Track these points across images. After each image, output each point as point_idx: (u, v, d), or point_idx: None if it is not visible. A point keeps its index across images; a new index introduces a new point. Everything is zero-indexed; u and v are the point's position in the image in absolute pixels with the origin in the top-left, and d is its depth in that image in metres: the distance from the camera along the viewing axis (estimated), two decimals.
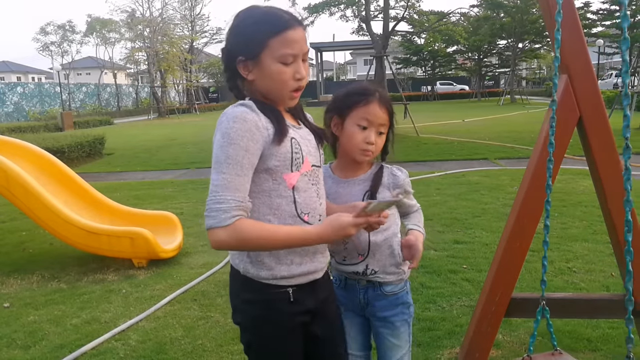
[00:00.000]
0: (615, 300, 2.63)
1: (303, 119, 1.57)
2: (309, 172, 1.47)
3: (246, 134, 1.33)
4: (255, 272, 1.44)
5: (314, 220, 1.46)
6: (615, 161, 2.35)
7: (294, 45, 1.39)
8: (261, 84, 1.42)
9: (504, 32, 34.96)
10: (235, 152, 1.32)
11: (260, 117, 1.37)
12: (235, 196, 1.33)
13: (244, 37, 1.39)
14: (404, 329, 1.82)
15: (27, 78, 65.35)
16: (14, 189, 4.42)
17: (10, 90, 31.18)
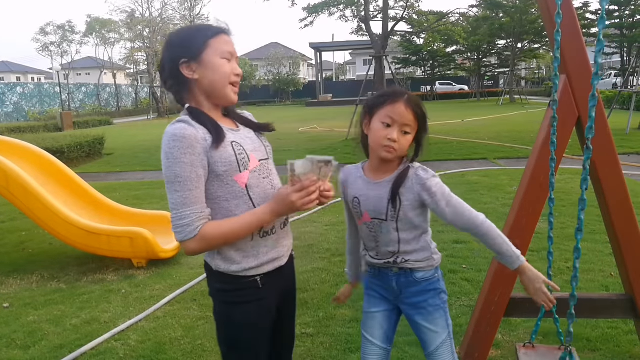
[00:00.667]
0: (615, 300, 2.64)
1: (240, 119, 1.69)
2: (257, 167, 1.58)
3: (188, 150, 1.44)
4: (226, 267, 1.57)
5: None
6: (614, 161, 2.35)
7: (230, 45, 1.57)
8: (206, 80, 1.54)
9: (503, 32, 34.94)
10: (182, 170, 1.45)
11: (198, 130, 1.48)
12: (194, 209, 1.47)
13: (184, 42, 1.55)
14: (439, 314, 1.84)
15: (26, 78, 65.26)
16: (13, 189, 4.42)
17: (9, 90, 31.14)
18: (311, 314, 3.43)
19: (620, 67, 37.78)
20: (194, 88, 1.56)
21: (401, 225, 1.75)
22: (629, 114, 13.66)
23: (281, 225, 1.64)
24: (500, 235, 1.69)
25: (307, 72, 69.61)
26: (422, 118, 1.72)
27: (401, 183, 1.71)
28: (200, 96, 1.57)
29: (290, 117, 25.81)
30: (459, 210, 1.68)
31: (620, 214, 2.39)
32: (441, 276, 1.88)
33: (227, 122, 1.63)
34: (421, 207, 1.74)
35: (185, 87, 1.56)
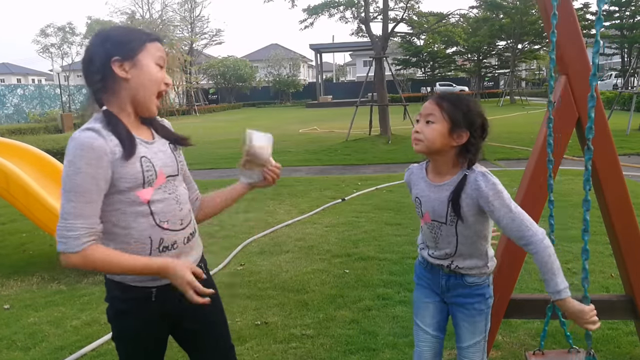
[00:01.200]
0: (615, 301, 2.63)
1: (158, 129, 1.63)
2: (163, 184, 1.54)
3: (92, 162, 1.39)
4: (121, 278, 1.55)
5: (175, 225, 1.55)
6: (614, 162, 2.35)
7: (163, 54, 1.56)
8: (136, 83, 1.49)
9: (503, 33, 34.96)
10: (82, 181, 1.39)
11: (108, 141, 1.42)
12: (85, 223, 1.41)
13: (120, 39, 1.49)
14: (480, 318, 1.85)
15: (27, 80, 65.30)
16: (14, 190, 4.42)
17: (10, 92, 31.16)
18: (311, 315, 3.43)
19: (620, 68, 37.77)
20: (120, 89, 1.49)
21: (460, 230, 1.76)
22: (629, 115, 13.66)
23: (185, 240, 1.58)
24: (549, 262, 1.62)
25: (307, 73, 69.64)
26: (453, 111, 1.69)
27: (461, 188, 1.70)
28: (124, 99, 1.51)
29: (290, 118, 25.81)
30: (514, 225, 1.65)
31: (621, 215, 2.39)
32: (491, 281, 1.88)
33: (143, 132, 1.57)
34: (481, 213, 1.72)
35: (111, 86, 1.49)
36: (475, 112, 1.71)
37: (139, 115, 1.57)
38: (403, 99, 15.77)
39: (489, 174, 1.70)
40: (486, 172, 1.70)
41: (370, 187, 7.74)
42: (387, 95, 14.84)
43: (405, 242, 4.94)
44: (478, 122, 1.71)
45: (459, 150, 1.72)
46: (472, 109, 1.71)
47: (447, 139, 1.70)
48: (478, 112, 1.72)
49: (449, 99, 1.71)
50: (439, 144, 1.70)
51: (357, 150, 12.04)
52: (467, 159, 1.71)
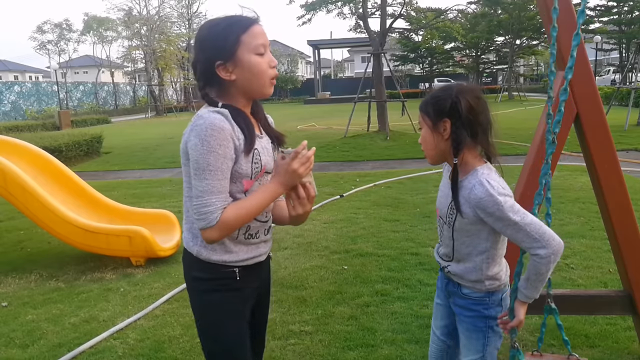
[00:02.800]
0: (613, 296, 2.64)
1: (265, 124, 1.70)
2: (261, 178, 1.62)
3: (224, 142, 1.46)
4: (207, 255, 1.59)
5: (262, 217, 1.65)
6: (613, 157, 2.35)
7: (262, 37, 1.54)
8: (243, 79, 1.53)
9: (501, 28, 34.93)
10: (215, 160, 1.46)
11: (234, 127, 1.50)
12: (220, 198, 1.48)
13: (217, 42, 1.51)
14: (476, 335, 1.76)
15: (24, 77, 65.15)
16: (11, 188, 4.41)
17: (7, 89, 31.05)
18: (310, 312, 3.43)
19: (618, 64, 37.79)
20: (230, 87, 1.55)
21: (457, 235, 1.70)
22: (627, 110, 13.67)
23: (265, 231, 1.67)
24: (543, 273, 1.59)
25: (305, 69, 69.55)
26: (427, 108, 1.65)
27: (455, 188, 1.64)
28: (237, 94, 1.57)
29: (288, 115, 25.79)
30: (519, 236, 1.56)
31: (619, 211, 2.39)
32: (498, 303, 1.74)
33: (255, 125, 1.63)
34: (481, 224, 1.62)
35: (220, 87, 1.55)
36: (444, 97, 1.62)
37: (251, 104, 1.63)
38: (401, 95, 15.75)
39: (490, 181, 1.59)
40: (487, 179, 1.59)
41: (369, 183, 7.74)
42: (385, 91, 14.81)
43: (404, 238, 4.94)
44: (452, 105, 1.60)
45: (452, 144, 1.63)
46: (441, 95, 1.64)
47: (434, 137, 1.66)
48: (445, 95, 1.63)
49: (425, 100, 1.70)
50: (433, 145, 1.67)
51: (356, 146, 12.03)
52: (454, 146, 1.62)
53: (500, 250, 1.72)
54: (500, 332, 1.78)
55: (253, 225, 1.63)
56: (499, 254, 1.71)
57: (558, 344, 2.84)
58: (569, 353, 2.38)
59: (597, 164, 2.34)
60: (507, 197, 1.57)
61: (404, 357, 2.81)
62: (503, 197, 1.55)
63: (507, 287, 1.77)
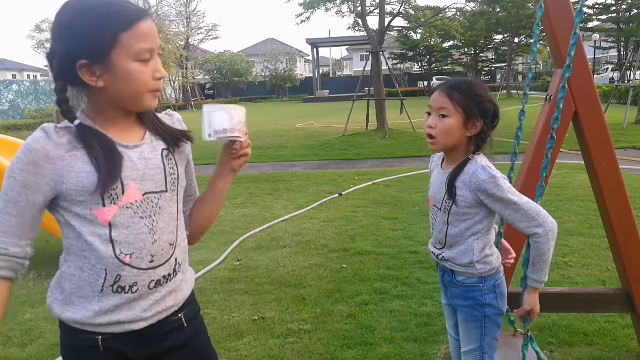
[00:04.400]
0: (612, 294, 2.64)
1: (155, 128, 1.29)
2: (135, 203, 1.19)
3: (27, 167, 1.12)
4: (59, 312, 1.24)
5: (141, 262, 1.20)
6: (611, 155, 2.35)
7: (149, 38, 1.15)
8: (115, 89, 1.15)
9: (500, 27, 34.93)
10: (10, 187, 1.13)
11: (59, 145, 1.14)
12: (5, 242, 1.16)
13: (85, 35, 1.10)
14: (473, 325, 1.78)
15: (22, 76, 65.00)
16: None
17: (5, 88, 31.00)
18: (308, 310, 3.43)
19: (617, 62, 37.81)
20: (96, 95, 1.17)
21: (452, 219, 1.73)
22: (626, 108, 13.67)
23: (152, 283, 1.22)
24: (546, 254, 1.66)
25: (304, 68, 69.49)
26: (466, 101, 1.65)
27: (457, 175, 1.67)
28: (104, 104, 1.19)
29: (287, 113, 25.78)
30: (518, 216, 1.63)
31: (618, 209, 2.39)
32: (492, 289, 1.76)
33: (131, 133, 1.24)
34: (479, 207, 1.68)
35: (82, 93, 1.19)
36: (487, 99, 1.69)
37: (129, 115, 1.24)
38: (400, 94, 15.75)
39: (490, 167, 1.66)
40: (487, 165, 1.67)
41: (368, 181, 7.74)
42: (384, 89, 14.81)
43: (402, 236, 4.94)
44: (491, 110, 1.69)
45: (471, 139, 1.70)
46: (484, 96, 1.69)
47: (462, 131, 1.67)
48: (489, 99, 1.70)
49: (460, 89, 1.67)
50: (456, 137, 1.67)
51: (354, 145, 12.02)
52: (476, 145, 1.70)
53: (491, 235, 1.76)
54: (499, 322, 1.80)
55: (124, 274, 1.18)
56: (489, 238, 1.76)
57: (557, 342, 2.85)
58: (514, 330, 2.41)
59: (596, 162, 2.34)
60: (505, 179, 1.66)
61: (403, 355, 2.81)
62: (502, 179, 1.64)
63: (501, 274, 1.80)
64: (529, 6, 31.15)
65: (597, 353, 2.74)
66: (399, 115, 15.08)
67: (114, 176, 1.15)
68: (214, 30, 46.38)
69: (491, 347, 1.80)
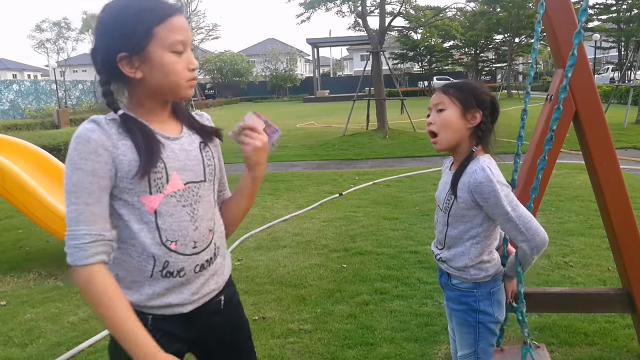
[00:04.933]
0: (612, 294, 2.64)
1: (190, 123, 1.38)
2: (178, 192, 1.27)
3: (90, 156, 1.19)
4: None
5: (186, 249, 1.28)
6: (612, 155, 2.35)
7: (182, 32, 1.24)
8: (152, 80, 1.24)
9: (500, 27, 34.91)
10: (79, 179, 1.18)
11: (111, 135, 1.22)
12: (90, 229, 1.19)
13: (123, 30, 1.21)
14: (467, 330, 1.77)
15: (22, 75, 65.04)
16: (10, 186, 4.40)
17: (6, 87, 31.01)
18: (309, 310, 3.43)
19: (617, 62, 37.80)
20: (136, 87, 1.26)
21: (451, 220, 1.72)
22: (626, 108, 13.67)
23: (197, 267, 1.31)
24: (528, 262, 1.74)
25: (304, 68, 69.50)
26: (461, 93, 1.66)
27: (460, 173, 1.67)
28: (143, 96, 1.28)
29: (287, 113, 25.78)
30: (508, 226, 1.63)
31: (618, 208, 2.39)
32: (487, 296, 1.74)
33: (170, 125, 1.33)
34: (477, 209, 1.66)
35: (123, 86, 1.28)
36: (482, 90, 1.70)
37: (169, 104, 1.34)
38: (400, 94, 15.75)
39: (491, 168, 1.64)
40: (488, 166, 1.64)
41: (368, 181, 7.74)
42: (384, 89, 14.81)
43: (403, 236, 4.94)
44: (488, 99, 1.70)
45: (472, 133, 1.69)
46: (478, 87, 1.71)
47: (461, 121, 1.67)
48: (484, 90, 1.71)
49: (454, 86, 1.71)
50: (456, 129, 1.67)
51: (355, 144, 12.02)
52: (477, 137, 1.69)
53: (491, 240, 1.74)
54: (494, 329, 1.78)
55: (172, 260, 1.27)
56: (489, 243, 1.73)
57: (557, 342, 2.85)
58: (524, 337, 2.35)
59: (596, 162, 2.34)
60: (504, 186, 1.64)
61: (403, 355, 2.81)
62: (500, 186, 1.61)
63: (499, 282, 1.77)
64: (529, 6, 31.12)
65: (598, 353, 2.74)
66: (399, 115, 15.09)
67: (153, 161, 1.22)
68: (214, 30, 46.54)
69: (486, 353, 1.78)
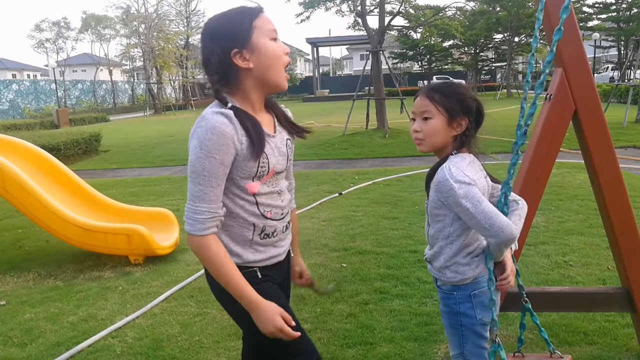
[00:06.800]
0: (612, 293, 2.64)
1: (280, 118, 1.65)
2: (271, 179, 1.58)
3: (222, 148, 1.42)
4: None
5: (277, 215, 1.61)
6: (611, 154, 2.35)
7: (272, 24, 1.51)
8: (261, 67, 1.48)
9: (500, 26, 34.90)
10: (210, 165, 1.42)
11: (237, 130, 1.45)
12: (210, 207, 1.46)
13: (230, 29, 1.46)
14: (452, 332, 1.79)
15: (22, 75, 65.01)
16: (9, 186, 4.40)
17: (5, 87, 31.01)
18: (308, 310, 3.43)
19: (617, 61, 37.79)
20: (246, 79, 1.49)
21: (430, 220, 1.75)
22: (626, 107, 13.67)
23: (283, 228, 1.65)
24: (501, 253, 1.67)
25: (304, 67, 69.48)
26: (447, 101, 1.64)
27: (432, 174, 1.67)
28: (250, 88, 1.51)
29: None
30: (472, 223, 1.60)
31: (617, 207, 2.39)
32: (467, 299, 1.73)
33: (266, 122, 1.58)
34: (445, 208, 1.66)
35: (235, 80, 1.49)
36: (468, 96, 1.67)
37: (264, 100, 1.59)
38: (400, 93, 15.75)
39: (457, 167, 1.60)
40: (453, 165, 1.61)
41: (368, 181, 7.74)
42: (384, 89, 14.81)
43: (402, 235, 4.94)
44: (474, 107, 1.67)
45: (456, 138, 1.68)
46: (465, 94, 1.67)
47: (447, 130, 1.66)
48: (471, 96, 1.68)
49: (440, 90, 1.67)
50: (441, 137, 1.66)
51: (354, 144, 12.02)
52: (460, 142, 1.67)
53: (468, 241, 1.70)
54: (480, 331, 1.75)
55: (268, 224, 1.59)
56: (465, 244, 1.70)
57: (557, 342, 2.84)
58: (551, 352, 2.32)
59: (596, 161, 2.34)
60: (464, 184, 1.57)
61: (402, 354, 2.81)
62: (458, 184, 1.57)
63: (480, 284, 1.72)
64: (528, 5, 31.13)
65: (597, 352, 2.73)
66: (398, 115, 15.09)
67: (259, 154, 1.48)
68: None
69: (475, 355, 1.76)
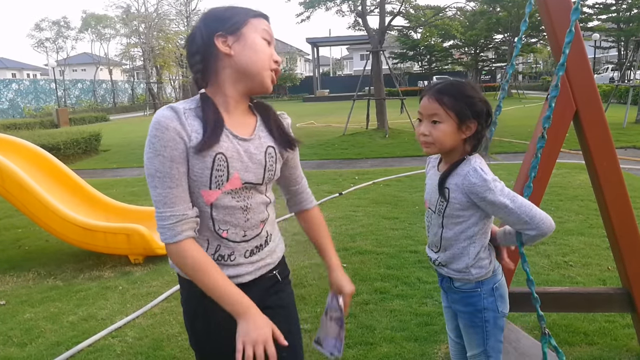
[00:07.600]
0: (612, 293, 2.64)
1: (271, 125, 1.47)
2: (235, 189, 1.37)
3: (169, 144, 1.28)
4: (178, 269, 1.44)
5: (236, 237, 1.40)
6: (612, 155, 2.35)
7: (271, 31, 1.43)
8: (243, 57, 1.36)
9: (500, 26, 34.86)
10: (161, 164, 1.29)
11: (185, 126, 1.30)
12: (174, 210, 1.31)
13: (223, 15, 1.39)
14: (474, 331, 1.77)
15: (22, 74, 65.00)
16: (9, 186, 4.40)
17: (5, 87, 30.99)
18: (309, 310, 3.43)
19: (617, 61, 37.81)
20: (225, 68, 1.37)
21: (446, 222, 1.70)
22: (626, 107, 13.67)
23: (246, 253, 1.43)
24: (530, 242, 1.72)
25: (304, 67, 69.49)
26: (457, 104, 1.61)
27: (448, 175, 1.65)
28: (226, 78, 1.38)
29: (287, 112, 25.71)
30: (512, 219, 1.62)
31: (618, 208, 2.38)
32: (491, 292, 1.75)
33: (243, 126, 1.41)
34: (473, 209, 1.65)
35: (214, 65, 1.37)
36: (478, 99, 1.64)
37: (248, 99, 1.45)
38: (400, 93, 15.74)
39: (482, 168, 1.61)
40: (479, 167, 1.61)
41: (368, 181, 7.74)
42: (384, 89, 14.81)
43: (403, 235, 4.94)
44: (484, 110, 1.64)
45: (466, 140, 1.66)
46: (475, 96, 1.64)
47: (457, 134, 1.63)
48: (481, 98, 1.65)
49: (449, 93, 1.63)
50: (451, 141, 1.64)
51: (355, 144, 12.02)
52: (472, 145, 1.66)
53: (486, 237, 1.74)
54: (501, 325, 1.78)
55: (223, 245, 1.39)
56: (485, 241, 1.73)
57: (557, 342, 2.84)
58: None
59: (596, 161, 2.34)
60: (497, 182, 1.62)
61: (403, 354, 2.81)
62: (494, 182, 1.60)
63: (498, 276, 1.77)
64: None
65: (597, 352, 2.74)
66: (399, 115, 15.08)
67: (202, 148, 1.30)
68: None
69: (495, 350, 1.79)
